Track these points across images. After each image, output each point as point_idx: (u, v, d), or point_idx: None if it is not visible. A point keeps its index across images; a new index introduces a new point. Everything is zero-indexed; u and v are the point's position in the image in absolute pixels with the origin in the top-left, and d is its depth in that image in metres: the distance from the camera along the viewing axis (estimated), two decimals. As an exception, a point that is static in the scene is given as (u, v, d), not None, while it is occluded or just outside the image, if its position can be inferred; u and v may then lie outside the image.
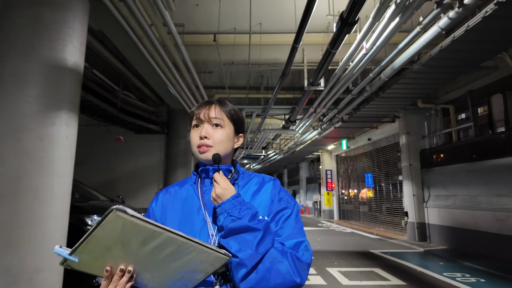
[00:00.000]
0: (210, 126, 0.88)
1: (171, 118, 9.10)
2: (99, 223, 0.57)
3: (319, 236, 9.87)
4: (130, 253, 0.63)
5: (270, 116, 10.00)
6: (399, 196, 10.84)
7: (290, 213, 0.85)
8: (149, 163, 9.06)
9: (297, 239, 0.80)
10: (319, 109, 7.70)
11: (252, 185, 0.91)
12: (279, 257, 0.74)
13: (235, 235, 0.74)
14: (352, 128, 10.19)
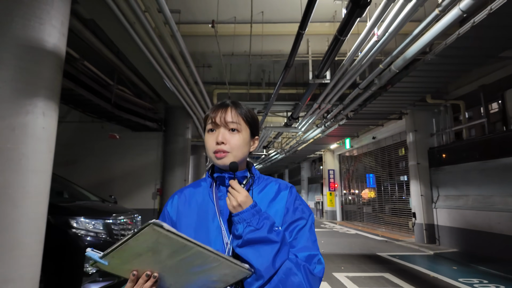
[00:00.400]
0: (226, 131, 0.85)
1: (168, 115, 8.74)
2: (134, 234, 0.58)
3: (322, 238, 9.50)
4: (158, 262, 0.65)
5: (272, 114, 9.63)
6: (405, 196, 10.47)
7: (305, 224, 0.84)
8: (146, 162, 8.70)
9: (311, 251, 0.80)
10: (324, 105, 7.34)
11: (268, 192, 0.88)
12: (294, 269, 0.74)
13: (253, 245, 0.74)
14: (357, 125, 9.81)
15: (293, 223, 0.82)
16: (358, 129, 10.62)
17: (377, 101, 7.24)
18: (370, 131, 12.30)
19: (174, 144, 8.51)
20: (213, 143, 0.84)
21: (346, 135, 11.57)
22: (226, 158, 0.83)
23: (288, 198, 0.86)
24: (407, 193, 10.28)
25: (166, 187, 8.30)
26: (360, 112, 8.23)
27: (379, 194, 12.42)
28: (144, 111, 7.89)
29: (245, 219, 0.75)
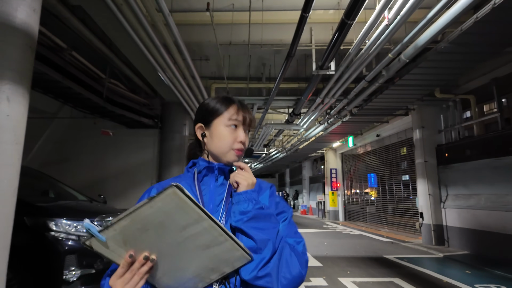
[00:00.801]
0: (245, 132, 0.90)
1: (165, 111, 8.39)
2: (151, 200, 0.55)
3: (325, 239, 9.13)
4: (163, 238, 0.62)
5: (272, 110, 9.27)
6: (411, 195, 10.09)
7: (287, 217, 0.88)
8: (141, 160, 8.35)
9: (296, 238, 0.84)
10: (327, 100, 6.98)
11: None
12: (288, 248, 0.78)
13: (259, 221, 0.76)
14: (361, 122, 9.44)
15: (277, 215, 0.86)
16: (362, 126, 10.25)
17: (383, 95, 6.87)
18: (374, 128, 11.93)
19: (171, 141, 8.16)
20: (233, 140, 0.87)
21: (349, 132, 11.20)
22: (241, 157, 0.89)
23: (270, 194, 0.90)
24: (413, 192, 9.91)
25: (162, 186, 7.94)
26: (365, 107, 7.86)
27: (383, 193, 12.04)
28: (139, 106, 7.54)
29: (254, 198, 0.79)
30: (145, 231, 0.59)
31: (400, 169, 10.85)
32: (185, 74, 6.72)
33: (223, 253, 0.67)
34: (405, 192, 10.64)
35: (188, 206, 0.57)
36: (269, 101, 7.35)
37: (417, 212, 9.14)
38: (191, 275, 0.68)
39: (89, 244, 0.59)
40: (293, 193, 24.73)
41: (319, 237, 9.70)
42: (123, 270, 0.63)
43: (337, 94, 6.45)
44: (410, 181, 10.19)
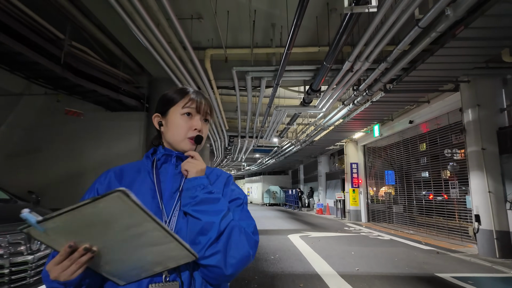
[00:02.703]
0: (202, 120, 0.93)
1: (153, 89, 6.88)
2: (94, 200, 0.53)
3: (351, 246, 7.42)
4: (106, 235, 0.61)
5: (284, 87, 7.61)
6: (455, 192, 8.21)
7: (241, 203, 0.91)
8: (125, 149, 6.88)
9: (248, 220, 0.86)
10: (359, 64, 5.26)
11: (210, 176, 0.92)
12: (237, 229, 0.80)
13: (207, 204, 0.79)
14: (395, 103, 7.63)
15: (232, 201, 0.89)
16: (394, 109, 8.42)
17: (434, 58, 5.10)
18: (405, 113, 10.06)
19: (159, 126, 6.63)
20: (188, 128, 0.90)
21: (377, 118, 9.38)
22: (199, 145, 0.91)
23: (226, 182, 0.94)
24: (461, 189, 8.04)
25: (149, 181, 6.43)
26: (404, 80, 6.09)
27: (416, 190, 10.17)
28: (117, 82, 6.04)
29: (203, 183, 0.82)
30: (87, 227, 0.58)
31: (438, 162, 8.96)
32: (171, 39, 5.18)
33: (168, 251, 0.67)
34: (445, 188, 8.75)
35: (133, 210, 0.56)
36: (280, 72, 5.70)
37: (465, 213, 7.30)
38: (133, 266, 0.69)
39: (26, 232, 0.57)
40: (308, 191, 22.96)
41: (343, 243, 7.99)
42: (61, 258, 0.61)
43: (376, 51, 4.73)
44: (457, 175, 8.31)
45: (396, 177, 11.35)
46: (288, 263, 5.65)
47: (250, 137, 12.74)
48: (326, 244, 7.83)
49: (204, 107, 0.92)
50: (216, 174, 0.95)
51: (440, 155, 8.85)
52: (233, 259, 0.75)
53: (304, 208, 21.78)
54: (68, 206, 0.53)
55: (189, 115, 0.90)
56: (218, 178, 0.94)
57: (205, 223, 0.76)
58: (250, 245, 0.79)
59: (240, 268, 0.77)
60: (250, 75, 6.22)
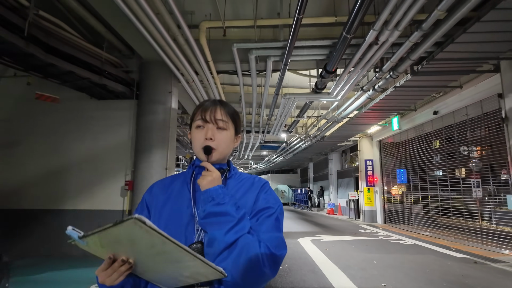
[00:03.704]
0: (215, 128, 0.91)
1: (143, 74, 6.05)
2: (115, 224, 0.58)
3: (371, 253, 6.46)
4: (134, 251, 0.66)
5: (293, 71, 6.69)
6: (500, 193, 7.16)
7: (272, 213, 0.86)
8: (114, 142, 6.09)
9: (273, 233, 0.81)
10: (385, 36, 4.31)
11: (243, 184, 0.93)
12: (251, 245, 0.75)
13: (213, 218, 0.78)
14: (421, 89, 6.61)
15: (261, 211, 0.85)
16: (419, 96, 7.38)
17: (477, 27, 4.13)
18: (429, 103, 9.00)
19: (151, 115, 5.81)
20: (202, 139, 0.90)
21: (398, 108, 8.34)
22: (214, 154, 0.89)
23: (260, 189, 0.90)
24: (498, 187, 6.99)
25: (138, 178, 5.62)
26: (436, 58, 5.12)
27: (443, 190, 9.10)
28: (100, 63, 5.22)
29: (211, 195, 0.80)
30: (118, 244, 0.64)
31: (463, 159, 7.90)
32: (159, 9, 4.34)
33: (194, 268, 0.69)
34: (476, 187, 7.68)
35: (150, 233, 0.59)
36: (289, 49, 4.78)
37: (501, 216, 6.27)
38: (168, 277, 0.74)
39: (74, 244, 0.63)
40: (318, 190, 21.93)
41: (361, 249, 7.02)
42: (105, 266, 0.69)
43: (409, 15, 3.78)
44: (492, 172, 7.25)
45: (417, 175, 10.29)
46: (300, 276, 4.74)
47: (256, 132, 11.83)
48: (342, 250, 6.88)
49: (211, 115, 0.91)
50: (250, 182, 0.94)
51: (469, 150, 7.79)
52: (242, 275, 0.73)
53: (314, 208, 20.78)
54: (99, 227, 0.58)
55: (201, 127, 0.92)
56: (251, 186, 0.92)
57: (210, 235, 0.77)
58: (265, 261, 0.75)
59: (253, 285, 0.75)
60: (254, 54, 5.32)
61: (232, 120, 0.94)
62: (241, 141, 13.35)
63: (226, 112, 0.93)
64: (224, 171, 0.94)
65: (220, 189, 0.81)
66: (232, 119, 0.94)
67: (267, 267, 0.74)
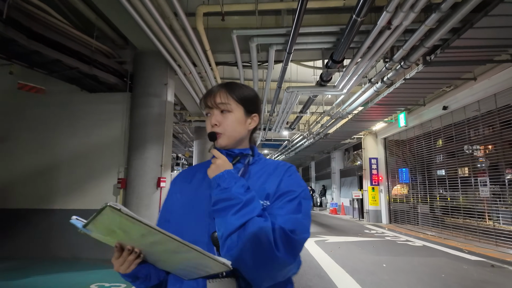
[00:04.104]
0: (219, 113, 0.88)
1: (138, 65, 5.69)
2: (98, 213, 0.56)
3: (379, 256, 6.09)
4: (133, 240, 0.66)
5: (297, 62, 6.32)
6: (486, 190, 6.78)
7: (294, 197, 0.79)
8: (106, 137, 5.74)
9: (289, 215, 0.75)
10: (399, 19, 3.93)
11: (266, 169, 0.88)
12: (262, 227, 0.70)
13: (221, 203, 0.75)
14: (433, 81, 6.23)
15: (283, 195, 0.80)
16: (430, 90, 6.99)
17: (498, 11, 3.76)
18: (438, 98, 8.62)
19: (145, 108, 5.45)
20: (209, 126, 0.88)
21: (406, 102, 7.97)
22: (221, 139, 0.87)
23: (284, 173, 0.85)
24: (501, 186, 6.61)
25: (132, 175, 5.26)
26: (452, 46, 4.74)
27: (452, 189, 8.72)
28: (90, 52, 4.87)
29: (217, 181, 0.77)
30: (114, 232, 0.63)
31: (477, 155, 7.51)
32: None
33: (195, 259, 0.66)
34: (490, 186, 7.30)
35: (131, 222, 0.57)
36: (293, 36, 4.41)
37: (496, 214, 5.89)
38: (178, 268, 0.74)
39: (83, 233, 0.63)
40: (320, 189, 21.55)
41: (368, 250, 6.65)
42: (116, 254, 0.70)
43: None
44: (507, 170, 6.87)
45: (425, 173, 9.90)
46: (305, 281, 4.38)
47: (258, 129, 11.45)
48: (348, 252, 6.52)
49: (211, 99, 0.89)
50: (274, 166, 0.89)
51: (476, 149, 7.41)
52: (253, 260, 0.69)
53: (316, 208, 20.41)
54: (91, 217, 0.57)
55: (208, 115, 0.90)
56: (275, 171, 0.87)
57: (216, 221, 0.76)
58: (279, 244, 0.68)
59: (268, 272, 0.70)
60: (255, 41, 4.96)
61: (238, 101, 0.89)
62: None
63: (228, 94, 0.88)
64: (246, 156, 0.90)
65: (226, 174, 0.78)
66: (238, 99, 0.89)
67: (281, 251, 0.68)
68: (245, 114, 0.90)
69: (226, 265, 0.66)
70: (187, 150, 14.25)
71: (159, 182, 5.18)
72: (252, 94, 0.93)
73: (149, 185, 5.16)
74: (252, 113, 0.92)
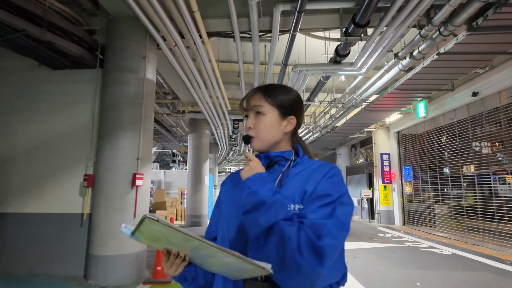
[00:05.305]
0: (253, 116, 0.89)
1: (111, 35, 4.59)
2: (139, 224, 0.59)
3: (407, 269, 5.00)
4: (177, 246, 0.71)
5: (306, 32, 5.19)
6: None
7: (330, 201, 0.74)
8: (72, 124, 4.66)
9: (321, 220, 0.71)
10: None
11: (307, 171, 0.84)
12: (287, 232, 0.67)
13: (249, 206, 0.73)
14: (472, 57, 5.12)
15: (317, 199, 0.75)
16: (464, 70, 5.87)
17: None
18: (467, 82, 7.50)
19: (118, 87, 4.35)
20: (246, 129, 0.90)
21: (432, 87, 6.84)
22: (254, 142, 0.88)
23: (324, 175, 0.81)
24: None
25: (101, 171, 4.18)
26: (509, 3, 3.64)
27: (480, 188, 7.62)
28: (42, 12, 3.76)
29: (247, 184, 0.77)
30: (158, 239, 0.67)
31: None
32: None
33: (236, 264, 0.68)
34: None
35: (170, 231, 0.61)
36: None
37: None
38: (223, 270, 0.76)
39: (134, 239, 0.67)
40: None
41: (391, 261, 5.56)
42: (164, 259, 0.75)
43: None
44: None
45: (448, 169, 8.79)
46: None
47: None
48: (368, 263, 5.43)
49: (246, 102, 0.90)
50: (314, 167, 0.84)
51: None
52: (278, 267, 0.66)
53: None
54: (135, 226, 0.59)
55: (247, 117, 0.91)
56: (314, 172, 0.82)
57: (243, 223, 0.76)
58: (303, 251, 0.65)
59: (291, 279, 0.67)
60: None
61: (272, 103, 0.87)
62: (241, 132, 11.91)
63: (262, 96, 0.88)
64: (286, 159, 0.88)
65: (257, 177, 0.77)
66: (272, 101, 0.87)
67: (305, 257, 0.64)
68: (280, 116, 0.88)
69: (266, 270, 0.65)
70: (182, 145, 13.18)
71: (134, 179, 4.10)
72: (290, 96, 0.91)
73: (122, 183, 4.08)
74: (288, 115, 0.90)
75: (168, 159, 21.27)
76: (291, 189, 0.79)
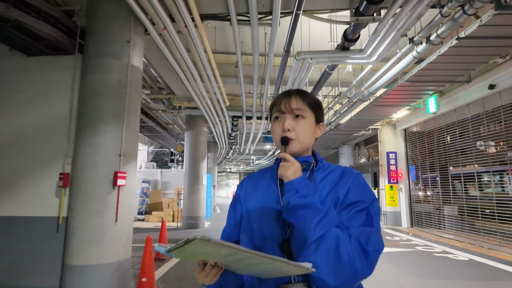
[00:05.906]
0: (292, 118, 0.88)
1: (91, 17, 4.08)
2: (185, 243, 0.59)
3: (422, 277, 4.49)
4: (217, 258, 0.71)
5: (310, 14, 4.67)
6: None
7: (364, 207, 0.79)
8: (48, 117, 4.16)
9: (364, 227, 0.76)
10: None
11: (331, 178, 0.87)
12: (341, 239, 0.71)
13: (298, 210, 0.74)
14: (496, 42, 4.60)
15: (352, 205, 0.79)
16: (485, 58, 5.34)
17: None
18: (483, 74, 6.96)
19: (99, 74, 3.84)
20: (280, 131, 0.87)
21: (447, 78, 6.30)
22: (292, 145, 0.86)
23: (352, 182, 0.84)
24: None
25: (78, 169, 3.67)
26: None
27: (497, 188, 7.09)
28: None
29: (295, 187, 0.76)
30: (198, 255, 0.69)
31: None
32: None
33: (279, 267, 0.68)
34: None
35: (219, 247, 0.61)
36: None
37: None
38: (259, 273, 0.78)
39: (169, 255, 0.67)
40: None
41: (404, 269, 5.04)
42: (198, 269, 0.75)
43: None
44: None
45: (460, 168, 8.27)
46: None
47: (259, 118, 9.82)
48: (380, 271, 4.91)
49: (286, 104, 0.88)
50: (339, 173, 0.87)
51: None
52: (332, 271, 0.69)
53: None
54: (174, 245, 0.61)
55: (278, 119, 0.89)
56: (341, 179, 0.85)
57: (296, 229, 0.75)
58: (356, 257, 0.69)
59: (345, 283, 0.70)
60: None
61: (310, 108, 0.89)
62: (240, 130, 11.40)
63: (302, 100, 0.88)
64: (310, 164, 0.90)
65: (303, 181, 0.77)
66: (310, 106, 0.89)
67: (358, 263, 0.69)
68: (315, 122, 0.90)
69: (310, 269, 0.66)
70: (179, 143, 12.68)
71: (116, 178, 3.59)
72: (319, 104, 0.92)
73: (102, 182, 3.58)
74: (320, 121, 0.93)
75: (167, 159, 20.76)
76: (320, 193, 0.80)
